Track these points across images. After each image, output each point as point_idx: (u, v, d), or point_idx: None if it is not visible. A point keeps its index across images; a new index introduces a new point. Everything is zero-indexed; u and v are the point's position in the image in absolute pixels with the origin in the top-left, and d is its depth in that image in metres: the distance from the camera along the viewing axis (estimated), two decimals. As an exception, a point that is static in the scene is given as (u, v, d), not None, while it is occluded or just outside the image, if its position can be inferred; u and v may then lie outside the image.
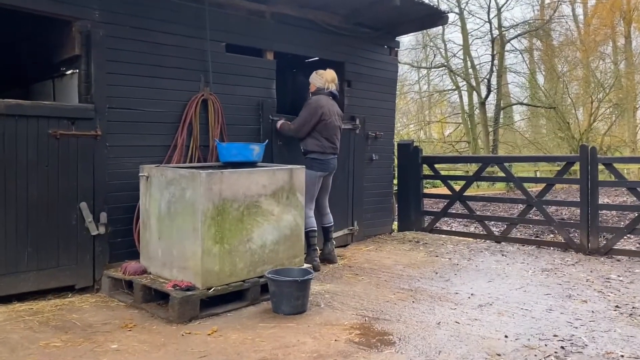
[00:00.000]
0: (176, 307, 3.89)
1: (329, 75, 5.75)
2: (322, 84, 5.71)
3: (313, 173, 5.61)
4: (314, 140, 5.63)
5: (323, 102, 5.63)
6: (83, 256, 4.61)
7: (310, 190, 5.57)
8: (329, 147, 5.69)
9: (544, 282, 5.19)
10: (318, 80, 5.72)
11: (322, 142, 5.64)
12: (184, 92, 5.25)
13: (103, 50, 4.71)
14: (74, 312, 4.13)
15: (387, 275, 5.45)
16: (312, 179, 5.59)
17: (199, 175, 4.05)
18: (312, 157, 5.63)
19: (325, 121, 5.62)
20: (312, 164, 5.62)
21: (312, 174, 5.59)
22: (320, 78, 5.73)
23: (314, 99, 5.64)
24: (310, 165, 5.60)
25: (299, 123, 5.61)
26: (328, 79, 5.74)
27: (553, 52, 25.22)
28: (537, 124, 28.59)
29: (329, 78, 5.74)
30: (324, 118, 5.61)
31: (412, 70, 27.18)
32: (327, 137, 5.67)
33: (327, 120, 5.63)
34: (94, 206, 4.66)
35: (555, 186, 18.88)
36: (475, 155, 21.27)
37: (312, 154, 5.63)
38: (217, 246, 4.13)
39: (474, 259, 6.26)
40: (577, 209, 11.61)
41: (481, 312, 4.22)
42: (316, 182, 5.67)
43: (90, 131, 4.63)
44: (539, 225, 8.36)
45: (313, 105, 5.58)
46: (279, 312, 4.11)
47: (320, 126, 5.60)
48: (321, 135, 5.63)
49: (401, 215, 8.19)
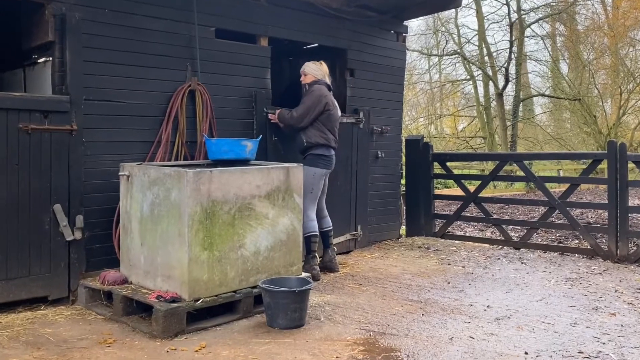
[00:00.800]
0: (160, 320, 3.88)
1: (325, 68, 5.86)
2: (321, 75, 5.77)
3: (318, 171, 5.62)
4: (318, 132, 5.64)
5: (326, 92, 5.70)
6: (57, 264, 4.61)
7: (314, 190, 5.57)
8: (332, 140, 5.73)
9: (568, 293, 5.19)
10: (318, 71, 5.76)
11: (326, 135, 5.67)
12: (169, 83, 5.25)
13: (79, 35, 4.70)
14: (47, 326, 4.12)
15: (393, 285, 5.45)
16: (316, 178, 5.60)
17: (186, 174, 4.05)
18: (317, 153, 5.63)
19: (330, 111, 5.66)
20: (316, 161, 5.63)
21: (317, 172, 5.60)
22: (319, 69, 5.78)
23: (317, 87, 5.67)
24: (314, 162, 5.61)
25: (302, 110, 5.60)
26: (325, 71, 5.83)
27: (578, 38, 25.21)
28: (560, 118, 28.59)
29: (326, 70, 5.85)
30: (329, 108, 5.65)
31: (421, 58, 27.21)
32: (331, 129, 5.72)
33: (332, 111, 5.68)
34: (69, 209, 4.66)
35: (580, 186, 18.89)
36: (491, 152, 21.29)
37: (316, 149, 5.63)
38: (205, 253, 4.12)
39: (491, 267, 6.26)
40: (605, 212, 11.63)
41: (498, 326, 4.22)
42: (320, 181, 5.67)
43: (65, 125, 4.62)
44: (563, 229, 8.36)
45: (317, 93, 5.62)
46: (275, 326, 4.11)
47: (324, 117, 5.63)
48: (325, 126, 5.66)
49: (409, 219, 8.19)
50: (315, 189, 5.60)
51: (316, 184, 5.61)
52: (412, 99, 27.63)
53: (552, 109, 27.96)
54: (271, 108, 5.99)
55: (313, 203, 5.65)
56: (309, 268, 5.54)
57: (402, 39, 7.66)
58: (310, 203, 5.60)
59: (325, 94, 5.67)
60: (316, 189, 5.62)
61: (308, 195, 5.53)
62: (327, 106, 5.63)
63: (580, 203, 7.48)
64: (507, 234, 7.58)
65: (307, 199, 5.52)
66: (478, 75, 25.70)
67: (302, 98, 5.70)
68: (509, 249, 7.34)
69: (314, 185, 5.58)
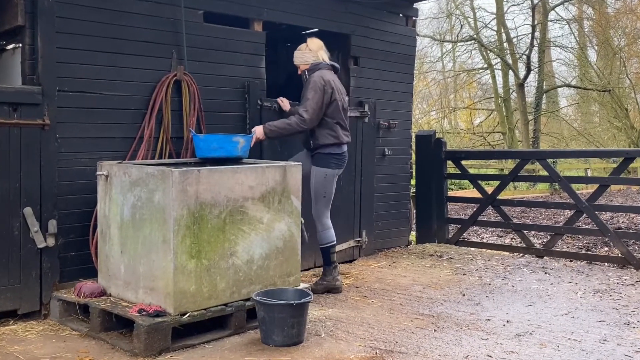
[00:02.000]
0: (142, 337, 3.88)
1: (314, 44, 5.46)
2: (313, 57, 5.43)
3: (330, 172, 5.42)
4: (326, 130, 5.36)
5: (329, 76, 5.36)
6: (27, 274, 4.61)
7: (327, 194, 5.45)
8: (343, 135, 5.47)
9: (597, 307, 5.19)
10: (307, 56, 5.42)
11: (336, 131, 5.39)
12: (153, 72, 5.25)
13: (52, 19, 4.70)
14: (17, 343, 4.12)
15: (402, 297, 5.45)
16: (328, 180, 5.43)
17: (171, 174, 4.05)
18: (327, 152, 5.41)
19: (337, 101, 5.36)
20: (327, 160, 5.41)
21: (328, 173, 5.42)
22: (306, 52, 5.44)
23: (317, 73, 5.31)
24: (325, 161, 5.41)
25: (312, 108, 5.21)
26: (314, 48, 5.44)
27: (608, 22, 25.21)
28: (588, 111, 28.62)
29: (316, 47, 5.45)
30: (335, 97, 5.34)
31: (433, 45, 27.23)
32: (340, 121, 5.43)
33: (338, 99, 5.38)
34: (41, 212, 4.66)
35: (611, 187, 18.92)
36: (511, 149, 21.30)
37: (326, 147, 5.40)
38: (193, 262, 4.13)
39: (510, 278, 6.27)
40: (638, 216, 11.64)
41: (519, 344, 4.22)
42: (333, 183, 5.49)
43: (36, 120, 4.63)
44: (591, 235, 8.36)
45: (319, 81, 5.24)
46: (270, 343, 4.11)
47: (331, 109, 5.35)
48: (333, 120, 5.37)
49: (420, 224, 8.20)
50: (328, 192, 5.43)
51: (329, 186, 5.43)
52: (423, 90, 27.65)
53: (579, 101, 27.98)
54: (267, 100, 5.97)
55: (327, 208, 5.49)
56: (332, 280, 5.46)
57: (411, 23, 7.66)
58: (324, 209, 5.45)
59: (328, 78, 5.30)
60: (329, 192, 5.45)
61: (321, 200, 5.42)
62: (333, 95, 5.30)
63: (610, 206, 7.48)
64: (529, 240, 7.58)
65: (319, 204, 5.44)
66: (496, 63, 25.72)
67: (303, 90, 5.40)
68: (530, 257, 7.34)
69: (327, 188, 5.42)
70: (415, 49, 7.82)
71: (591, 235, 7.89)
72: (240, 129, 5.81)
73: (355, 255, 7.02)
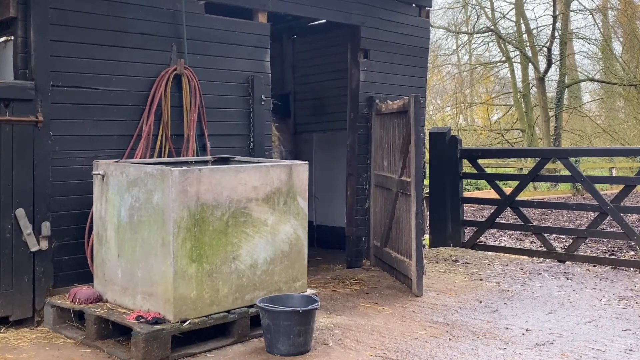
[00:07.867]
0: (140, 345, 3.89)
1: None
2: None
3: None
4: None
5: None
6: (20, 279, 4.63)
7: None
8: None
9: (622, 314, 5.17)
10: None
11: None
12: (152, 66, 5.26)
13: (46, 11, 4.72)
14: (9, 351, 4.14)
15: (415, 304, 5.45)
16: None
17: (170, 173, 4.06)
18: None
19: None
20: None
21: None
22: None
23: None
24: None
25: None
26: None
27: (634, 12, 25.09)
28: (613, 107, 28.47)
29: None
30: None
31: (448, 37, 27.15)
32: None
33: None
34: (34, 214, 4.68)
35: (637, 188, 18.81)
36: (531, 147, 21.23)
37: None
38: (193, 266, 4.14)
39: (530, 284, 6.25)
40: (666, 218, 11.57)
41: (539, 354, 4.21)
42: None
43: (29, 116, 4.65)
44: (615, 239, 8.32)
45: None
46: (275, 353, 4.11)
47: None
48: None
49: (434, 226, 8.19)
50: None
51: None
52: (437, 85, 27.59)
53: (603, 96, 27.83)
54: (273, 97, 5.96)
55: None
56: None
57: (425, 14, 7.65)
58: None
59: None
60: None
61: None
62: None
63: (636, 208, 7.44)
64: (550, 244, 7.56)
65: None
66: (515, 56, 25.63)
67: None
68: (551, 261, 7.32)
69: None
70: (429, 41, 7.81)
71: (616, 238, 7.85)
72: (244, 126, 5.81)
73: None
